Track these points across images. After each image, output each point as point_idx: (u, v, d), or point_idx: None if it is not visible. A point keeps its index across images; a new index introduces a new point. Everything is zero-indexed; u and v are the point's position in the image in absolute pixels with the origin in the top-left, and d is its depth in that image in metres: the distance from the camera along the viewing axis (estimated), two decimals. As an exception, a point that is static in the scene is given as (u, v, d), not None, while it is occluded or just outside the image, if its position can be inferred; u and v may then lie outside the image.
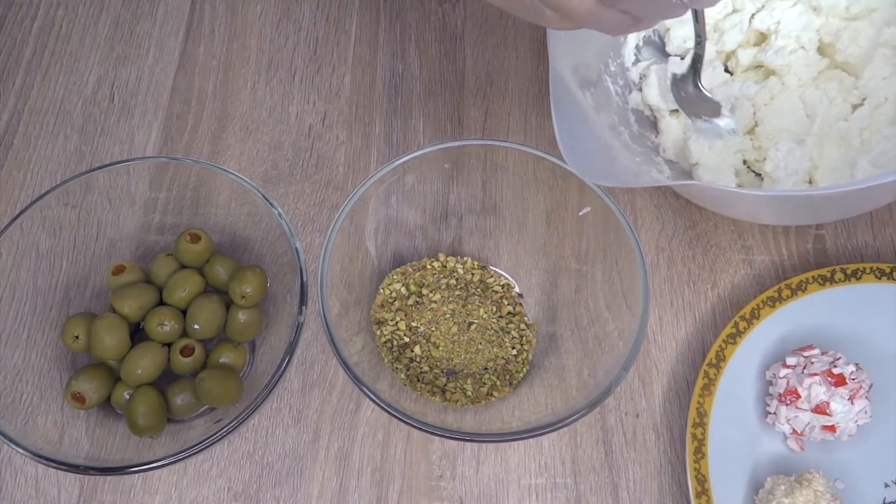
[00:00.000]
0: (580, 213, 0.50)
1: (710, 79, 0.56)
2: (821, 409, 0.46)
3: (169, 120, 0.62)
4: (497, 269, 0.55)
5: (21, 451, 0.42)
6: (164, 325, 0.48)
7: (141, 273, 0.51)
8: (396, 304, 0.52)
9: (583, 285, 0.51)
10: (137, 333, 0.50)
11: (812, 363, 0.48)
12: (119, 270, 0.51)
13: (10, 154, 0.60)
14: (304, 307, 0.46)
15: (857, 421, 0.47)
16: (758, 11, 0.56)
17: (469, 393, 0.50)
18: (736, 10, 0.56)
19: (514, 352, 0.52)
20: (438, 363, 0.51)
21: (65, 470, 0.43)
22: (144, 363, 0.47)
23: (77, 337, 0.48)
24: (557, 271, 0.53)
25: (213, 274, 0.51)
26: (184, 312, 0.50)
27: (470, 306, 0.53)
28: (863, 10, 0.53)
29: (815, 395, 0.46)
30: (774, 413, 0.48)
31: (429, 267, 0.54)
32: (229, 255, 0.52)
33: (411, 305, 0.52)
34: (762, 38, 0.57)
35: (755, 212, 0.53)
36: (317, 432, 0.51)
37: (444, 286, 0.53)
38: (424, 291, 0.53)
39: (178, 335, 0.49)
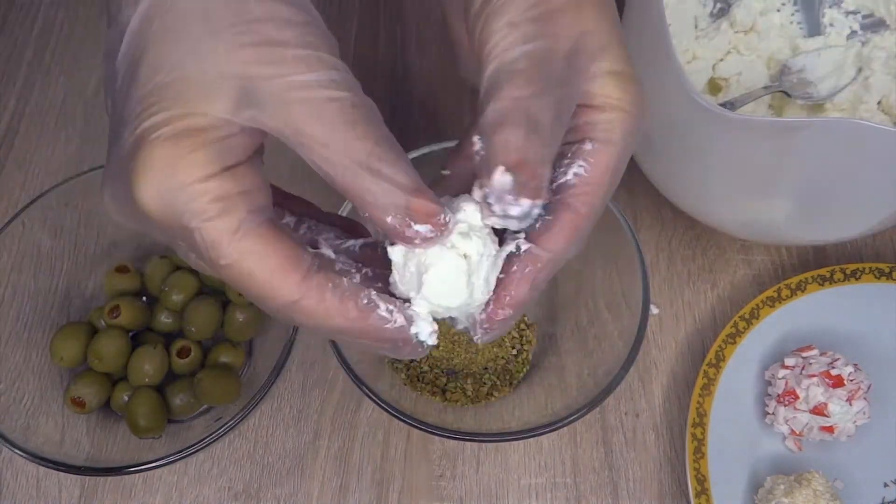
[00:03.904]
0: (580, 214, 0.50)
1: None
2: (819, 411, 0.46)
3: (169, 120, 0.62)
4: (497, 269, 0.55)
5: (22, 454, 0.42)
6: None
7: (138, 276, 0.52)
8: (396, 304, 0.52)
9: (583, 285, 0.51)
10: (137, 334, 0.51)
11: (810, 364, 0.48)
12: (121, 270, 0.51)
13: (11, 154, 0.60)
14: None
15: (855, 422, 0.47)
16: None
17: (469, 393, 0.50)
18: None
19: (514, 352, 0.52)
20: (438, 363, 0.51)
21: (65, 471, 0.43)
22: (147, 368, 0.47)
23: (62, 358, 0.48)
24: (557, 271, 0.53)
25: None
26: (181, 314, 0.50)
27: (470, 306, 0.53)
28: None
29: (814, 396, 0.46)
30: (773, 413, 0.48)
31: (429, 267, 0.54)
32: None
33: (411, 305, 0.52)
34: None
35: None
36: (317, 432, 0.51)
37: (444, 286, 0.53)
38: (424, 291, 0.53)
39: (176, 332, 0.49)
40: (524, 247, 0.29)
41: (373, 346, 0.29)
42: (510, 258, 0.29)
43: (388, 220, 0.27)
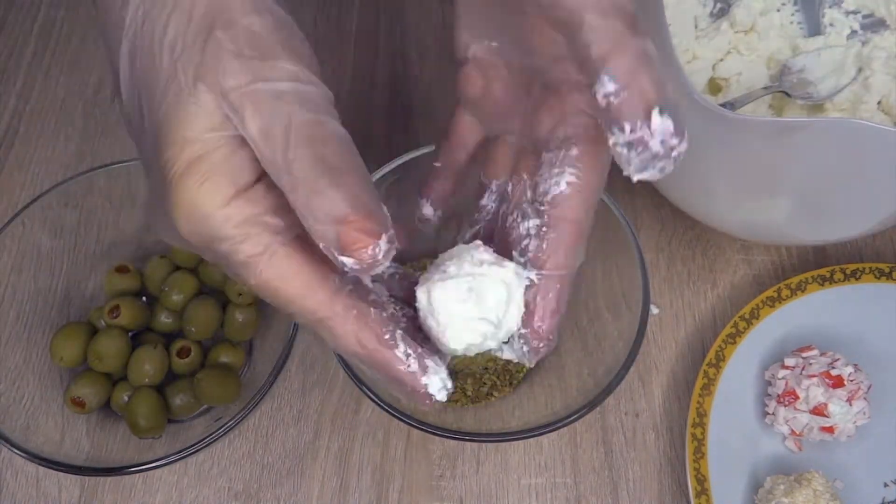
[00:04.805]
0: (580, 214, 0.50)
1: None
2: (819, 411, 0.46)
3: (169, 120, 0.62)
4: (497, 269, 0.55)
5: (22, 454, 0.42)
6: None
7: (138, 276, 0.52)
8: (396, 304, 0.52)
9: (583, 285, 0.51)
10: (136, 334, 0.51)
11: (810, 364, 0.48)
12: (121, 270, 0.51)
13: (11, 154, 0.60)
14: None
15: (855, 422, 0.47)
16: None
17: (469, 393, 0.50)
18: None
19: (514, 352, 0.52)
20: (438, 363, 0.51)
21: (65, 471, 0.43)
22: (147, 368, 0.47)
23: (62, 358, 0.48)
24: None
25: (208, 273, 0.51)
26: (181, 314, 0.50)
27: (470, 306, 0.53)
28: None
29: (814, 396, 0.46)
30: (773, 414, 0.48)
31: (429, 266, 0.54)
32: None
33: (411, 305, 0.52)
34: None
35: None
36: (317, 432, 0.51)
37: (444, 286, 0.53)
38: (424, 291, 0.53)
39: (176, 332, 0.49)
40: (535, 277, 0.31)
41: (385, 380, 0.30)
42: (528, 290, 0.31)
43: (322, 246, 0.26)
